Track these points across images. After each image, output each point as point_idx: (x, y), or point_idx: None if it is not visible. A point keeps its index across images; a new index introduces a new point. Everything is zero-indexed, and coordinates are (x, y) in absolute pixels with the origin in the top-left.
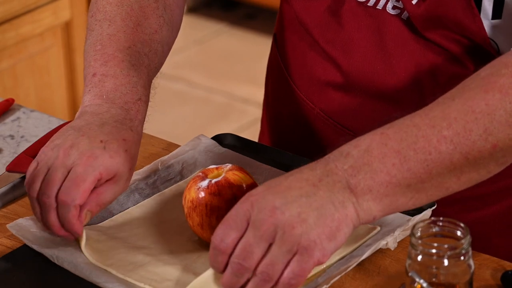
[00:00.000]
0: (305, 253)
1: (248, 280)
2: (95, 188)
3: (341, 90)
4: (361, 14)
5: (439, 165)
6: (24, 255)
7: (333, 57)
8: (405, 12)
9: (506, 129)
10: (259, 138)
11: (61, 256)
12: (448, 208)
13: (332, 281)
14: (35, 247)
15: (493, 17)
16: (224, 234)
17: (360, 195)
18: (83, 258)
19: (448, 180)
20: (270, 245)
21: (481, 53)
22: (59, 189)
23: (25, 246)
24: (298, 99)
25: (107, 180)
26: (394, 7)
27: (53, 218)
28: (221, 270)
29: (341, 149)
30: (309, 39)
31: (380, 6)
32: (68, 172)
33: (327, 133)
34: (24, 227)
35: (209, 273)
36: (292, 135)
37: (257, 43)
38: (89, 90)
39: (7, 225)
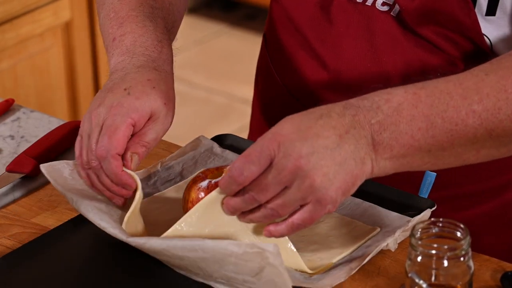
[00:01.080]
0: (318, 205)
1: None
2: (137, 132)
3: (330, 89)
4: (351, 11)
5: (462, 137)
6: (24, 255)
7: (322, 55)
8: (395, 8)
9: None
10: (248, 139)
11: (79, 200)
12: (440, 205)
13: (335, 283)
14: (59, 188)
15: (487, 13)
16: (245, 167)
17: (380, 153)
18: (98, 205)
19: (467, 152)
20: (286, 188)
21: (472, 51)
22: None
23: (25, 246)
24: (287, 99)
25: (147, 121)
26: (383, 4)
27: (104, 180)
28: (231, 197)
29: (372, 98)
30: (298, 38)
31: (369, 2)
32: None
33: None
34: (57, 170)
35: (213, 195)
36: None
37: (257, 43)
38: (112, 54)
39: (40, 165)
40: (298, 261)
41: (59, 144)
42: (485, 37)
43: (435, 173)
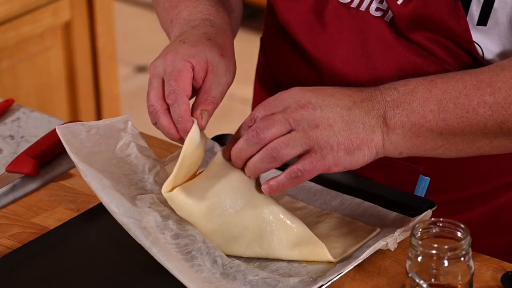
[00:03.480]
0: (319, 152)
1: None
2: (199, 88)
3: None
4: (344, 16)
5: (473, 125)
6: (24, 255)
7: (316, 60)
8: (388, 14)
9: None
10: None
11: (91, 175)
12: (434, 211)
13: (331, 281)
14: (72, 156)
15: (479, 23)
16: (256, 112)
17: (391, 128)
18: (110, 182)
19: (479, 141)
20: (290, 131)
21: (464, 56)
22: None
23: (25, 246)
24: None
25: (206, 75)
26: (377, 9)
27: (165, 121)
28: (239, 141)
29: (393, 83)
30: (292, 43)
31: (363, 7)
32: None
33: None
34: (72, 132)
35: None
36: None
37: (257, 43)
38: (172, 32)
39: (57, 127)
40: (321, 250)
41: (59, 144)
42: (476, 45)
43: (429, 178)
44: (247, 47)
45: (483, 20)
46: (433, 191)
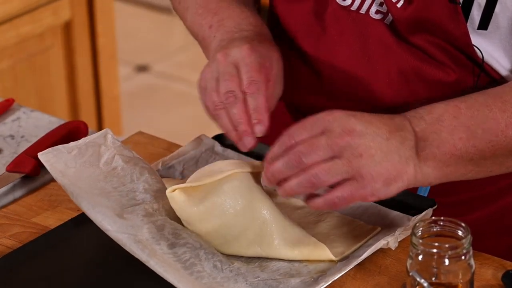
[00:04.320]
0: (360, 182)
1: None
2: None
3: (324, 96)
4: (344, 19)
5: (503, 147)
6: (25, 255)
7: (316, 63)
8: (388, 16)
9: None
10: None
11: (80, 195)
12: (439, 211)
13: (331, 280)
14: (58, 178)
15: (479, 27)
16: (296, 133)
17: (423, 160)
18: (96, 197)
19: (509, 160)
20: (333, 157)
21: (464, 60)
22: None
23: (25, 246)
24: (282, 105)
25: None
26: (377, 12)
27: (239, 109)
28: (276, 160)
29: (417, 110)
30: (293, 46)
31: (363, 10)
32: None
33: None
34: (55, 156)
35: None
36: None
37: None
38: (214, 37)
39: (38, 154)
40: (321, 250)
41: (59, 144)
42: (476, 49)
43: None
44: None
45: (484, 24)
46: (436, 193)
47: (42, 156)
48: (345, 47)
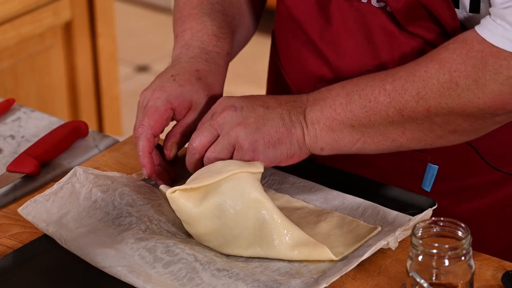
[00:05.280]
0: (240, 150)
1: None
2: (178, 121)
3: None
4: (347, 8)
5: (376, 114)
6: (25, 255)
7: (323, 52)
8: None
9: (437, 97)
10: None
11: (68, 240)
12: (442, 198)
13: (332, 281)
14: (44, 227)
15: (471, 10)
16: (194, 135)
17: (309, 123)
18: (85, 237)
19: (391, 132)
20: (218, 136)
21: None
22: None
23: (25, 246)
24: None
25: (188, 111)
26: (378, 0)
27: (140, 145)
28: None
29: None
30: (301, 36)
31: (365, 0)
32: None
33: None
34: (35, 208)
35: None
36: None
37: (257, 43)
38: (174, 48)
39: (18, 210)
40: (322, 250)
41: (60, 144)
42: None
43: (437, 166)
44: (249, 48)
45: (475, 6)
46: (440, 179)
47: (22, 210)
48: (349, 36)
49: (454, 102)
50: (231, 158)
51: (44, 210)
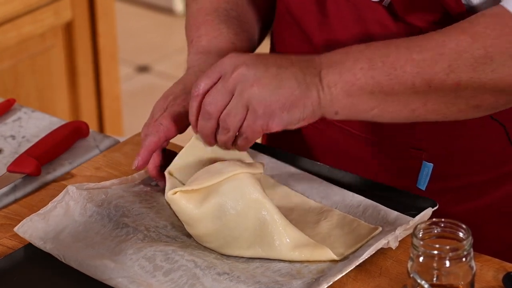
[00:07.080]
0: (254, 113)
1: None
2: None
3: None
4: (343, 3)
5: (401, 82)
6: (25, 256)
7: (321, 48)
8: None
9: (470, 72)
10: None
11: (67, 255)
12: (440, 197)
13: (333, 281)
14: (41, 245)
15: None
16: (200, 82)
17: (325, 86)
18: (84, 251)
19: (412, 102)
20: (231, 98)
21: None
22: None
23: (25, 246)
24: None
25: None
26: None
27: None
28: (195, 117)
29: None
30: (299, 32)
31: None
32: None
33: (320, 128)
34: (31, 226)
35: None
36: (286, 133)
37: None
38: (189, 52)
39: (14, 229)
40: (322, 251)
41: (60, 144)
42: None
43: (432, 164)
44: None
45: None
46: (437, 178)
47: (19, 229)
48: (346, 31)
49: (487, 77)
50: (244, 119)
51: (41, 228)
